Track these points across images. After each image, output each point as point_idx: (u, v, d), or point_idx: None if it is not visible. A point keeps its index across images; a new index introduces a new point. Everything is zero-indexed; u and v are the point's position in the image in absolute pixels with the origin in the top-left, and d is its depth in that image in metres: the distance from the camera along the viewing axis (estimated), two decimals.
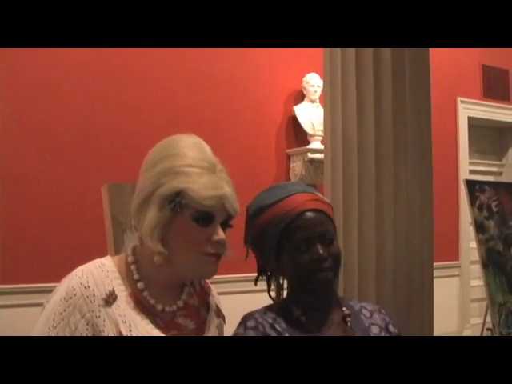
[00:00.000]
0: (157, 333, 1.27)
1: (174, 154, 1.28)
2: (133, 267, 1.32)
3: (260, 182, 4.25)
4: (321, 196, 1.49)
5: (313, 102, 4.30)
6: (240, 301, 3.62)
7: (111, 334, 1.23)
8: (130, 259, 1.34)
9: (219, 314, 1.45)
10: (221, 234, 1.29)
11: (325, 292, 1.47)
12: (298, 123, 4.28)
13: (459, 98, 5.33)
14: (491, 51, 5.41)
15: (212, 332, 1.39)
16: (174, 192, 1.25)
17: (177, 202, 1.25)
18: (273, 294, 1.52)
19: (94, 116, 3.52)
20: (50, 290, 1.31)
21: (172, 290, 1.35)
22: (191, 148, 1.30)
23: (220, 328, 1.44)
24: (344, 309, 1.50)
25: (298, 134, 4.34)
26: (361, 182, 2.26)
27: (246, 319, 1.45)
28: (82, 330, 1.22)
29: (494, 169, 5.83)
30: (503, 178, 5.69)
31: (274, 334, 1.41)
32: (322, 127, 4.20)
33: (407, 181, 2.24)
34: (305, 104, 4.32)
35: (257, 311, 1.47)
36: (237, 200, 1.31)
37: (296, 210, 1.42)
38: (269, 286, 1.52)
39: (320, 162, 4.22)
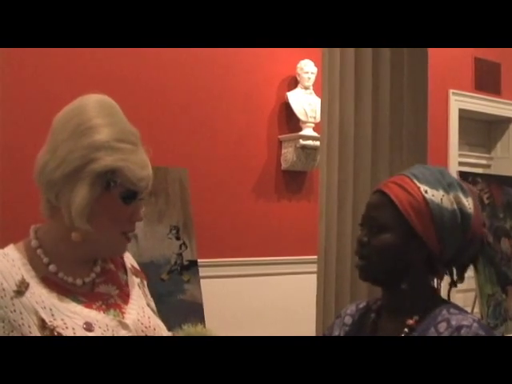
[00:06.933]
0: (80, 309, 1.22)
1: (100, 125, 1.22)
2: (39, 251, 1.25)
3: (251, 167, 4.26)
4: (407, 180, 1.35)
5: (306, 88, 4.27)
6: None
7: (31, 324, 1.16)
8: (33, 244, 1.26)
9: (137, 273, 1.41)
10: (141, 213, 1.28)
11: (371, 283, 1.39)
12: (291, 109, 4.25)
13: (451, 90, 5.32)
14: None
15: (136, 292, 1.35)
16: (109, 170, 1.20)
17: (111, 180, 1.21)
18: None
19: None
20: None
21: (86, 262, 1.30)
22: (114, 115, 1.26)
23: (142, 286, 1.40)
24: (415, 318, 1.32)
25: (290, 121, 4.32)
26: (356, 171, 2.26)
27: (355, 302, 1.48)
28: None
29: (483, 161, 5.85)
30: (491, 171, 5.71)
31: (342, 326, 1.42)
32: (314, 114, 4.21)
33: (403, 170, 2.24)
34: (298, 90, 4.29)
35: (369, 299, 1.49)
36: None
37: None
38: None
39: (312, 148, 4.22)
